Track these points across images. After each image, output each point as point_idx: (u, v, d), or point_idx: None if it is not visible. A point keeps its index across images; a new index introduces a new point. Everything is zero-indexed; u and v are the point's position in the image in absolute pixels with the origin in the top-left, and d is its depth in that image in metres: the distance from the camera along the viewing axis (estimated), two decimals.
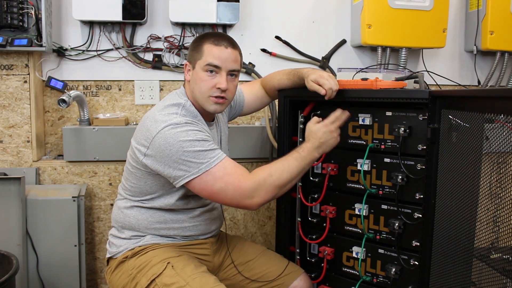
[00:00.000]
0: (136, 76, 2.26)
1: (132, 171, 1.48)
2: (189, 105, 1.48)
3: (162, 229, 1.51)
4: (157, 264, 1.42)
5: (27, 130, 2.12)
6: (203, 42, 1.45)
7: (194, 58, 1.46)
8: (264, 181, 1.37)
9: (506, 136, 0.99)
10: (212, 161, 1.36)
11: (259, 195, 1.37)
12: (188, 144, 1.34)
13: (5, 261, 1.73)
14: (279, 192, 1.41)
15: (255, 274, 1.61)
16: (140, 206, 1.51)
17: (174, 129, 1.35)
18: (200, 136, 1.37)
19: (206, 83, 1.43)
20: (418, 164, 1.44)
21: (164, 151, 1.35)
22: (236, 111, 1.78)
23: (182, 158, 1.34)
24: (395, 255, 1.52)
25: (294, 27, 2.36)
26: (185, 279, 1.37)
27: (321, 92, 1.50)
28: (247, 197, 1.37)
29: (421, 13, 2.23)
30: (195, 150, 1.34)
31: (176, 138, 1.34)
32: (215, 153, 1.37)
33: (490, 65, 2.47)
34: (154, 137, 1.36)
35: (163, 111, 1.42)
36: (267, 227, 2.37)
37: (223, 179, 1.35)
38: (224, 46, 1.44)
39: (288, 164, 1.41)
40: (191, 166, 1.34)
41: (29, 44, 2.00)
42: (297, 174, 1.43)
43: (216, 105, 1.46)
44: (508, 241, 0.95)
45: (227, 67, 1.44)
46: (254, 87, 1.83)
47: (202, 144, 1.36)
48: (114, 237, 1.56)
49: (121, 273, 1.48)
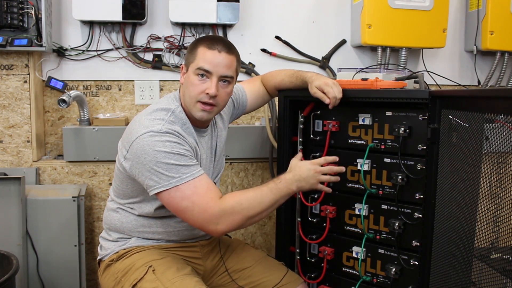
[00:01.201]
0: (136, 76, 2.26)
1: (117, 173, 1.46)
2: (179, 111, 1.42)
3: (146, 232, 1.48)
4: (140, 268, 1.40)
5: (27, 130, 2.12)
6: (198, 44, 1.41)
7: (189, 61, 1.42)
8: (232, 210, 1.30)
9: (506, 136, 0.99)
10: (184, 177, 1.30)
11: (224, 223, 1.30)
12: (162, 155, 1.29)
13: (5, 261, 1.73)
14: (247, 222, 1.34)
15: (251, 282, 1.57)
16: (124, 209, 1.48)
17: (153, 137, 1.30)
18: (178, 149, 1.31)
19: (195, 87, 1.38)
20: (418, 164, 1.44)
21: (139, 158, 1.31)
22: (239, 111, 1.76)
23: (154, 168, 1.29)
24: (395, 255, 1.52)
25: (294, 27, 2.36)
26: (165, 284, 1.34)
27: (325, 101, 1.49)
28: (212, 222, 1.30)
29: (421, 13, 2.23)
30: (168, 163, 1.29)
31: (152, 147, 1.30)
32: (190, 170, 1.31)
33: (490, 65, 2.47)
34: (133, 141, 1.33)
35: (150, 115, 1.38)
36: (267, 227, 2.37)
37: (190, 198, 1.30)
38: (218, 51, 1.38)
39: (261, 195, 1.34)
40: (162, 178, 1.29)
41: (29, 44, 2.00)
42: (269, 207, 1.36)
43: (202, 112, 1.40)
44: (508, 241, 0.95)
45: (218, 72, 1.38)
46: (255, 84, 1.80)
47: (177, 158, 1.30)
48: (103, 240, 1.55)
49: (108, 276, 1.47)
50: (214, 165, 1.56)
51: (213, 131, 1.57)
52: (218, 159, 1.59)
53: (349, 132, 1.61)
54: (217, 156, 1.57)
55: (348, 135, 1.62)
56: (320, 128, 1.69)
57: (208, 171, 1.51)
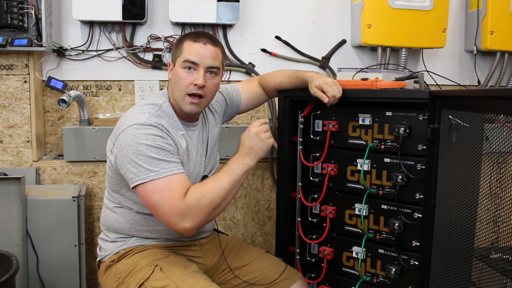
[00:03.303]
0: (136, 76, 2.26)
1: (107, 168, 1.47)
2: (166, 106, 1.44)
3: (144, 231, 1.49)
4: (145, 267, 1.40)
5: (27, 130, 2.12)
6: (183, 39, 1.44)
7: (175, 56, 1.44)
8: (197, 203, 1.29)
9: (506, 136, 0.99)
10: (162, 171, 1.29)
11: (192, 218, 1.29)
12: (144, 148, 1.30)
13: (5, 261, 1.72)
14: (214, 212, 1.34)
15: (251, 278, 1.58)
16: (122, 207, 1.48)
17: (136, 130, 1.32)
18: (159, 143, 1.32)
19: (183, 80, 1.40)
20: (418, 164, 1.44)
21: (123, 150, 1.32)
22: (232, 111, 1.77)
23: (135, 160, 1.30)
24: (395, 255, 1.52)
25: (294, 27, 2.36)
26: (175, 281, 1.34)
27: (324, 100, 1.50)
28: (179, 218, 1.28)
29: (421, 13, 2.22)
30: (148, 156, 1.29)
31: (135, 139, 1.31)
32: (169, 166, 1.31)
33: (490, 65, 2.47)
34: (119, 134, 1.35)
35: (138, 109, 1.40)
36: (267, 227, 2.37)
37: (162, 192, 1.29)
38: (203, 43, 1.40)
39: (220, 181, 1.34)
40: (141, 171, 1.29)
41: (29, 44, 2.00)
42: (231, 189, 1.35)
43: (191, 106, 1.41)
44: (508, 241, 0.95)
45: (205, 63, 1.40)
46: (252, 85, 1.81)
47: (158, 152, 1.31)
48: (102, 241, 1.55)
49: (110, 278, 1.47)
50: (206, 158, 1.57)
51: (204, 125, 1.58)
52: (211, 154, 1.59)
53: (349, 132, 1.61)
54: (209, 150, 1.58)
55: (348, 135, 1.62)
56: (320, 128, 1.69)
57: (200, 164, 1.52)
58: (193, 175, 1.49)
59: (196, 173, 1.51)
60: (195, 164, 1.49)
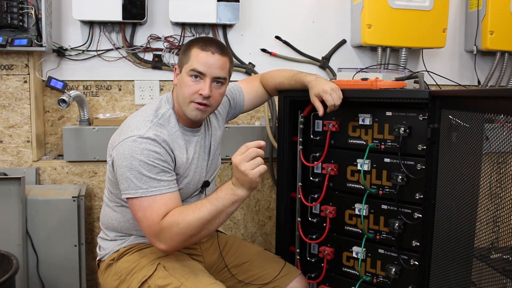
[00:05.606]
0: (136, 76, 2.26)
1: (108, 165, 1.47)
2: (169, 114, 1.43)
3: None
4: (147, 265, 1.41)
5: (27, 130, 2.12)
6: (192, 46, 1.41)
7: (182, 62, 1.42)
8: (170, 229, 1.27)
9: (506, 136, 0.99)
10: (150, 190, 1.30)
11: (165, 241, 1.28)
12: (137, 163, 1.30)
13: (5, 261, 1.73)
14: (192, 239, 1.31)
15: (250, 276, 1.59)
16: (122, 205, 1.48)
17: (134, 143, 1.32)
18: (153, 159, 1.32)
19: (189, 88, 1.39)
20: (418, 164, 1.44)
21: (119, 160, 1.33)
22: (236, 111, 1.77)
23: (127, 173, 1.31)
24: (395, 255, 1.52)
25: (294, 27, 2.36)
26: (179, 279, 1.35)
27: (319, 113, 1.51)
28: (155, 238, 1.29)
29: (421, 13, 2.23)
30: (140, 172, 1.30)
31: (130, 152, 1.31)
32: (159, 184, 1.31)
33: (490, 65, 2.47)
34: (118, 143, 1.35)
35: (141, 116, 1.40)
36: (267, 227, 2.37)
37: (145, 210, 1.30)
38: (211, 52, 1.38)
39: (199, 210, 1.27)
40: (131, 185, 1.31)
41: (29, 44, 2.00)
42: (212, 219, 1.27)
43: (197, 111, 1.40)
44: (508, 241, 0.95)
45: (212, 73, 1.38)
46: (254, 84, 1.80)
47: (150, 169, 1.31)
48: (102, 240, 1.55)
49: (110, 276, 1.47)
50: (208, 163, 1.56)
51: (206, 130, 1.57)
52: (213, 158, 1.59)
53: (349, 132, 1.61)
54: (211, 155, 1.58)
55: (348, 135, 1.62)
56: (320, 128, 1.69)
57: (201, 170, 1.52)
58: (194, 181, 1.49)
59: (197, 179, 1.51)
60: (195, 171, 1.49)
